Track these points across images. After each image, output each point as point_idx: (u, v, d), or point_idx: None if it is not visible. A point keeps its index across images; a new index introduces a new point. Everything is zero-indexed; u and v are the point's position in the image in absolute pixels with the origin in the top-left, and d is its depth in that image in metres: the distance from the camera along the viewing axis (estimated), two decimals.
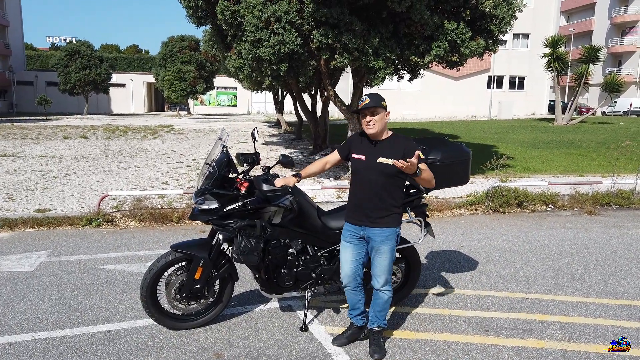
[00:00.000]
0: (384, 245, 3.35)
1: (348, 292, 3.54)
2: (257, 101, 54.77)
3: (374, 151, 3.31)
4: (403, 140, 3.34)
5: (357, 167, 3.39)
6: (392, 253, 3.40)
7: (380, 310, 3.51)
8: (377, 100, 3.27)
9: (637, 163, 11.29)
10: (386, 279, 3.43)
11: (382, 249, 3.36)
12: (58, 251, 5.83)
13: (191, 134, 23.15)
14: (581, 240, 6.47)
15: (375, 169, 3.28)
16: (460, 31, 8.53)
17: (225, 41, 10.16)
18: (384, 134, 3.34)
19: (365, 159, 3.32)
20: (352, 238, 3.44)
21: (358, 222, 3.40)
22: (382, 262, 3.39)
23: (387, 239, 3.35)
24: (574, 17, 53.22)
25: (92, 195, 8.84)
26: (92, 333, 3.78)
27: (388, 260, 3.39)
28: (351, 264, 3.45)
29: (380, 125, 3.27)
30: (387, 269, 3.40)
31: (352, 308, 3.61)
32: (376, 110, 3.25)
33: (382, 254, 3.37)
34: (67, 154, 14.97)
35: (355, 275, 3.48)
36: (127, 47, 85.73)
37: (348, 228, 3.47)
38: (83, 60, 40.96)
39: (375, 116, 3.25)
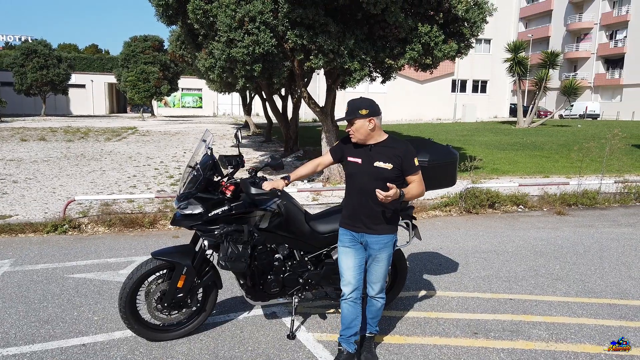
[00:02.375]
0: (382, 252, 3.23)
1: (347, 304, 3.23)
2: (224, 103, 54.06)
3: (370, 155, 3.16)
4: (401, 145, 3.19)
5: (353, 171, 3.24)
6: (389, 260, 3.30)
7: (373, 317, 3.42)
8: (353, 110, 3.13)
9: (599, 164, 11.69)
10: (381, 286, 3.33)
11: (379, 256, 3.24)
12: (22, 260, 5.50)
13: (157, 136, 22.57)
14: (554, 240, 6.60)
15: (371, 173, 3.14)
16: (434, 34, 8.60)
17: (196, 41, 9.91)
18: (376, 137, 3.17)
19: (362, 162, 3.18)
20: (351, 242, 3.26)
21: (356, 229, 3.24)
22: (379, 270, 3.27)
23: (385, 246, 3.23)
24: (532, 23, 55.02)
25: (56, 200, 8.43)
26: (66, 347, 3.54)
27: (385, 267, 3.28)
28: (354, 271, 3.22)
29: (362, 134, 3.13)
30: (383, 276, 3.30)
31: (347, 327, 3.26)
32: (352, 121, 3.14)
33: (380, 261, 3.25)
34: (26, 157, 14.29)
35: (359, 284, 3.24)
36: (87, 46, 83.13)
37: (346, 233, 3.29)
38: (40, 60, 39.29)
39: (352, 126, 3.15)
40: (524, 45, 30.42)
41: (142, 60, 39.77)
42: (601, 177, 9.57)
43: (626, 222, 7.64)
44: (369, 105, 3.13)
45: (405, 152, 3.13)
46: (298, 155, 15.03)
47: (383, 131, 3.21)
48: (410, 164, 3.13)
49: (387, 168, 3.10)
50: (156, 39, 41.00)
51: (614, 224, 7.56)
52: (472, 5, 8.98)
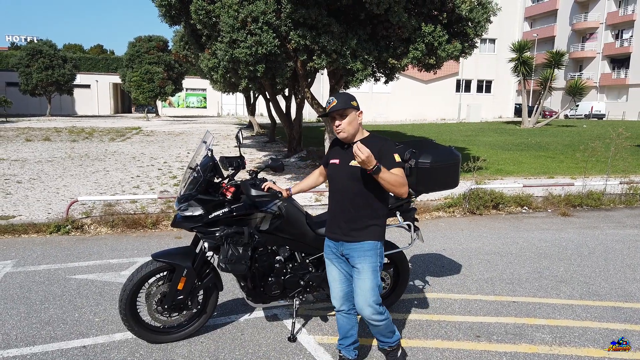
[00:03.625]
0: (363, 262, 2.90)
1: (340, 316, 3.13)
2: (228, 103, 54.13)
3: (347, 154, 2.94)
4: (379, 141, 2.94)
5: (331, 173, 3.06)
6: (375, 273, 2.91)
7: (382, 334, 3.09)
8: (345, 100, 2.90)
9: (604, 165, 11.60)
10: (373, 308, 2.90)
11: (360, 266, 2.91)
12: (25, 260, 5.50)
13: (161, 137, 22.61)
14: (558, 241, 6.55)
15: (347, 173, 2.91)
16: (438, 34, 8.57)
17: (200, 41, 9.91)
18: (357, 135, 2.97)
19: (339, 163, 2.98)
20: (334, 255, 3.08)
21: (335, 237, 3.03)
22: (362, 285, 2.90)
23: (364, 254, 2.90)
24: (537, 23, 54.83)
25: (59, 201, 8.45)
26: (67, 349, 3.53)
27: (369, 282, 2.89)
28: (339, 284, 3.07)
29: (353, 127, 2.91)
30: (370, 293, 2.89)
31: (343, 337, 3.17)
32: (345, 112, 2.89)
33: (362, 273, 2.90)
34: (31, 157, 14.35)
35: (347, 297, 3.06)
36: (92, 47, 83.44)
37: (328, 244, 3.12)
38: (45, 60, 39.46)
39: (344, 119, 2.89)
40: (528, 45, 30.28)
41: (147, 61, 39.88)
42: (606, 178, 9.49)
43: (631, 224, 7.58)
44: (355, 99, 2.96)
45: (381, 148, 2.88)
46: (301, 156, 15.01)
47: (364, 130, 3.03)
48: (388, 159, 2.84)
49: None
50: (160, 39, 41.09)
51: (619, 225, 7.50)
52: (476, 5, 8.94)
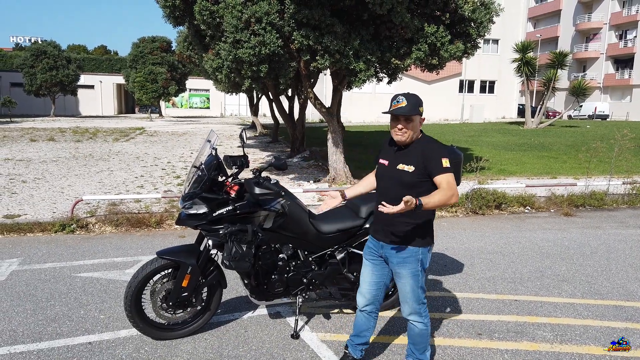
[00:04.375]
0: (403, 268, 2.89)
1: (361, 314, 3.13)
2: (231, 103, 54.24)
3: (396, 156, 2.88)
4: (428, 143, 2.84)
5: (379, 173, 3.01)
6: (415, 278, 2.89)
7: (415, 343, 3.02)
8: (414, 105, 2.76)
9: (607, 165, 11.60)
10: (413, 308, 2.93)
11: (401, 272, 2.91)
12: (30, 259, 5.56)
13: (164, 137, 22.70)
14: (560, 241, 6.56)
15: (394, 177, 2.85)
16: (440, 34, 8.59)
17: (203, 42, 9.97)
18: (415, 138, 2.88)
19: (388, 164, 2.92)
20: (372, 256, 3.04)
21: (377, 237, 2.99)
22: (403, 288, 2.93)
23: (404, 261, 2.88)
24: (541, 23, 54.73)
25: (64, 200, 8.51)
26: (72, 345, 3.58)
27: (410, 286, 2.89)
28: (369, 285, 3.05)
29: (413, 133, 2.80)
30: (411, 296, 2.91)
31: (356, 334, 3.19)
32: (411, 117, 2.77)
33: (402, 278, 2.91)
34: (35, 157, 14.44)
35: (373, 299, 3.06)
36: (95, 47, 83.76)
37: (368, 244, 3.10)
38: (50, 61, 39.65)
39: (411, 123, 2.77)
40: (532, 45, 30.25)
41: (150, 61, 40.04)
42: (609, 178, 9.50)
43: (634, 224, 7.58)
44: (422, 103, 2.85)
45: (430, 151, 2.77)
46: (304, 156, 15.05)
47: None
48: (436, 164, 2.73)
49: (408, 171, 2.79)
50: (164, 39, 41.26)
51: (621, 225, 7.50)
52: (479, 5, 8.95)
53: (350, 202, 4.06)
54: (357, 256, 3.90)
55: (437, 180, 2.74)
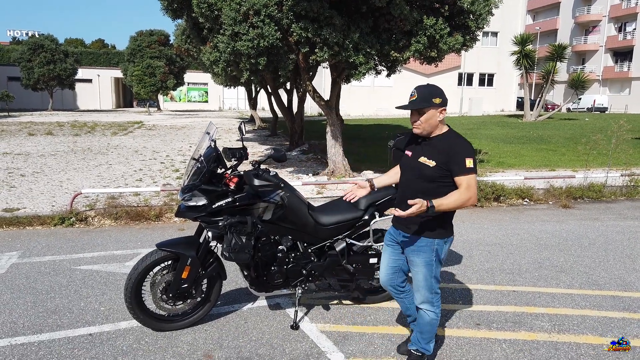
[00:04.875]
0: (417, 256, 2.93)
1: (395, 297, 3.28)
2: (229, 97, 54.10)
3: (419, 148, 2.89)
4: (454, 140, 2.79)
5: (403, 164, 3.03)
6: (428, 268, 2.92)
7: (422, 331, 3.08)
8: (426, 96, 2.76)
9: (606, 157, 11.61)
10: (425, 296, 2.98)
11: (414, 260, 2.95)
12: (30, 252, 5.57)
13: (163, 131, 22.66)
14: (559, 232, 6.59)
15: (415, 168, 2.86)
16: (439, 27, 8.57)
17: (201, 34, 9.93)
18: (437, 131, 2.84)
19: (411, 156, 2.93)
20: (391, 242, 3.15)
21: (396, 226, 3.08)
22: (416, 276, 2.98)
23: (419, 250, 2.91)
24: (540, 16, 54.54)
25: (63, 194, 8.51)
26: (73, 337, 3.60)
27: (423, 274, 2.94)
28: (386, 269, 3.18)
29: (430, 125, 2.79)
30: (423, 284, 2.95)
31: (406, 315, 3.35)
32: (423, 110, 2.77)
33: (415, 266, 2.96)
34: (34, 151, 14.42)
35: (391, 282, 3.19)
36: (93, 41, 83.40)
37: (389, 231, 3.20)
38: (47, 55, 39.49)
39: (422, 116, 2.78)
40: (531, 38, 30.19)
41: (148, 55, 39.85)
42: (607, 170, 9.51)
43: (632, 215, 7.61)
44: (441, 93, 2.81)
45: (455, 149, 2.73)
46: (303, 149, 15.04)
47: (445, 124, 2.89)
48: (458, 163, 2.69)
49: (429, 165, 2.77)
50: (162, 33, 41.03)
51: (619, 217, 7.53)
52: None
53: None
54: (356, 248, 3.92)
55: (457, 181, 2.72)
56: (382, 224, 4.21)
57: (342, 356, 3.35)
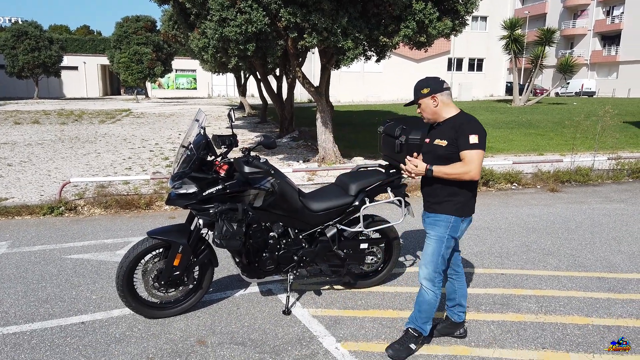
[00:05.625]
0: (432, 229, 3.10)
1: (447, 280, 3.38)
2: (218, 84, 53.58)
3: (433, 133, 3.12)
4: (458, 120, 3.00)
5: (423, 150, 3.22)
6: (438, 242, 3.05)
7: (420, 310, 3.15)
8: (415, 91, 3.10)
9: (593, 141, 11.74)
10: (428, 272, 3.08)
11: (429, 232, 3.12)
12: (19, 241, 5.54)
13: (151, 118, 22.45)
14: (546, 216, 6.68)
15: (432, 151, 3.07)
16: (428, 11, 8.53)
17: (189, 20, 9.80)
18: (444, 114, 3.05)
19: (428, 142, 3.14)
20: (424, 223, 3.25)
21: (424, 207, 3.23)
22: (425, 250, 3.12)
23: (435, 223, 3.08)
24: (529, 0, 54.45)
25: (52, 183, 8.44)
26: (65, 325, 3.61)
27: (432, 248, 3.07)
28: None
29: (428, 113, 3.07)
30: (430, 259, 3.07)
31: (448, 298, 3.41)
32: (418, 102, 3.10)
33: (428, 238, 3.12)
34: (20, 140, 14.23)
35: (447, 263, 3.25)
36: (78, 28, 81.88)
37: (423, 216, 3.29)
38: (31, 42, 38.71)
39: (419, 107, 3.12)
40: (520, 22, 30.17)
41: (135, 41, 39.26)
42: (594, 154, 9.63)
43: (618, 198, 7.73)
44: (430, 83, 3.06)
45: (462, 127, 2.93)
46: (294, 136, 15.01)
47: (454, 107, 3.07)
48: (464, 139, 2.88)
49: (442, 145, 2.98)
50: (148, 19, 40.41)
51: (606, 200, 7.64)
52: None
53: (340, 180, 4.11)
54: (347, 233, 3.96)
55: (462, 155, 2.91)
56: (373, 210, 4.25)
57: (334, 340, 3.40)
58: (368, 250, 4.07)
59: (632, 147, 12.32)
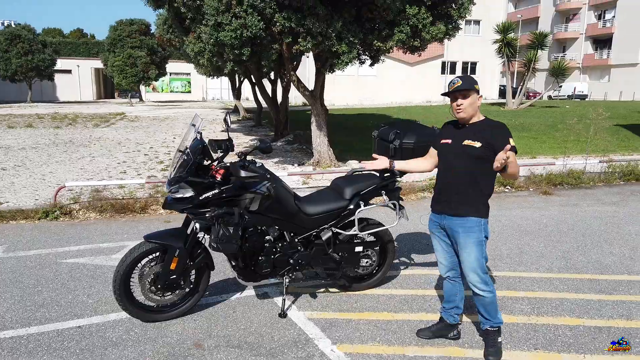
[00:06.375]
0: (467, 237, 3.09)
1: (446, 281, 3.41)
2: (213, 87, 53.57)
3: (460, 134, 3.12)
4: (495, 123, 3.09)
5: (443, 151, 3.22)
6: (479, 247, 3.10)
7: (487, 310, 3.22)
8: (470, 82, 3.08)
9: (585, 144, 11.86)
10: (479, 276, 3.12)
11: (465, 242, 3.10)
12: (15, 246, 5.54)
13: (146, 122, 22.43)
14: (539, 219, 6.75)
15: (461, 152, 3.07)
16: (422, 16, 8.62)
17: (184, 25, 9.84)
18: (475, 118, 3.12)
19: (452, 142, 3.14)
20: (436, 228, 3.31)
21: (439, 210, 3.24)
22: (467, 258, 3.12)
23: (469, 230, 3.09)
24: (522, 4, 54.88)
25: (46, 187, 8.44)
26: (62, 329, 3.62)
27: (474, 255, 3.10)
28: (442, 254, 3.34)
29: (470, 109, 3.07)
30: (476, 265, 3.11)
31: (446, 300, 3.44)
32: (468, 92, 3.05)
33: (466, 247, 3.11)
34: (14, 144, 14.18)
35: (453, 265, 3.31)
36: (72, 31, 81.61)
37: (432, 217, 3.35)
38: (25, 45, 38.59)
39: (466, 99, 3.05)
40: (513, 26, 30.40)
41: (129, 45, 39.26)
42: (586, 157, 9.73)
43: (610, 201, 7.82)
44: (477, 83, 3.13)
45: (498, 130, 3.03)
46: (288, 140, 15.05)
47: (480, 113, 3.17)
48: (503, 142, 2.91)
49: (476, 146, 3.02)
50: (143, 22, 40.44)
51: (598, 202, 7.73)
52: None
53: (335, 184, 4.16)
54: (342, 237, 4.00)
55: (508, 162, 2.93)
56: (367, 213, 4.30)
57: (329, 342, 3.44)
58: (363, 253, 4.12)
59: (624, 150, 12.46)
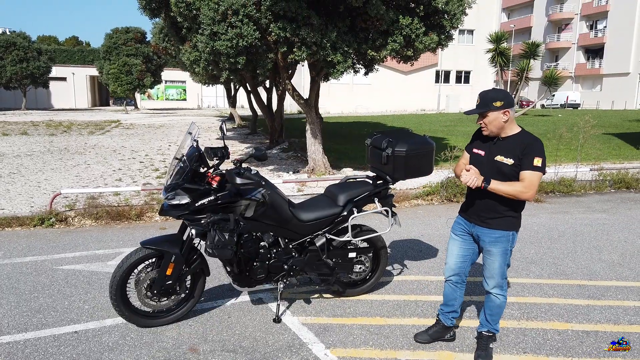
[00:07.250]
0: (494, 246, 3.17)
1: (447, 285, 3.47)
2: (208, 95, 53.72)
3: (494, 148, 3.09)
4: (528, 140, 3.00)
5: (475, 162, 3.19)
6: (504, 256, 3.18)
7: (492, 314, 3.33)
8: (486, 102, 3.00)
9: (576, 153, 12.01)
10: (497, 282, 3.23)
11: (491, 250, 3.18)
12: (10, 253, 5.56)
13: (141, 129, 22.46)
14: (530, 226, 6.85)
15: (491, 167, 3.06)
16: (415, 26, 8.76)
17: (180, 34, 9.94)
18: (507, 130, 3.05)
19: (484, 155, 3.13)
20: (462, 232, 3.35)
21: (469, 219, 3.28)
22: (491, 264, 3.22)
23: (497, 240, 3.15)
24: (515, 13, 55.52)
25: (42, 194, 8.46)
26: (59, 335, 3.66)
27: (499, 263, 3.19)
28: (456, 258, 3.39)
29: (495, 126, 3.02)
30: (498, 271, 3.21)
31: (445, 304, 3.52)
32: (485, 113, 3.02)
33: (492, 255, 3.19)
34: (9, 152, 14.18)
35: (459, 271, 3.40)
36: (67, 38, 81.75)
37: (459, 221, 3.39)
38: (19, 53, 38.63)
39: (485, 119, 3.03)
40: (506, 35, 30.73)
41: (125, 52, 39.39)
42: (577, 165, 9.87)
43: (600, 208, 7.93)
44: (504, 96, 3.01)
45: (527, 147, 2.96)
46: (283, 147, 15.14)
47: (516, 124, 3.08)
48: (528, 160, 2.92)
49: (508, 163, 2.99)
50: (138, 30, 40.61)
51: (588, 210, 7.85)
52: None
53: (329, 191, 4.23)
54: (336, 243, 4.07)
55: (522, 175, 2.96)
56: (361, 220, 4.38)
57: (323, 347, 3.50)
58: (356, 259, 4.19)
59: (615, 158, 12.62)
